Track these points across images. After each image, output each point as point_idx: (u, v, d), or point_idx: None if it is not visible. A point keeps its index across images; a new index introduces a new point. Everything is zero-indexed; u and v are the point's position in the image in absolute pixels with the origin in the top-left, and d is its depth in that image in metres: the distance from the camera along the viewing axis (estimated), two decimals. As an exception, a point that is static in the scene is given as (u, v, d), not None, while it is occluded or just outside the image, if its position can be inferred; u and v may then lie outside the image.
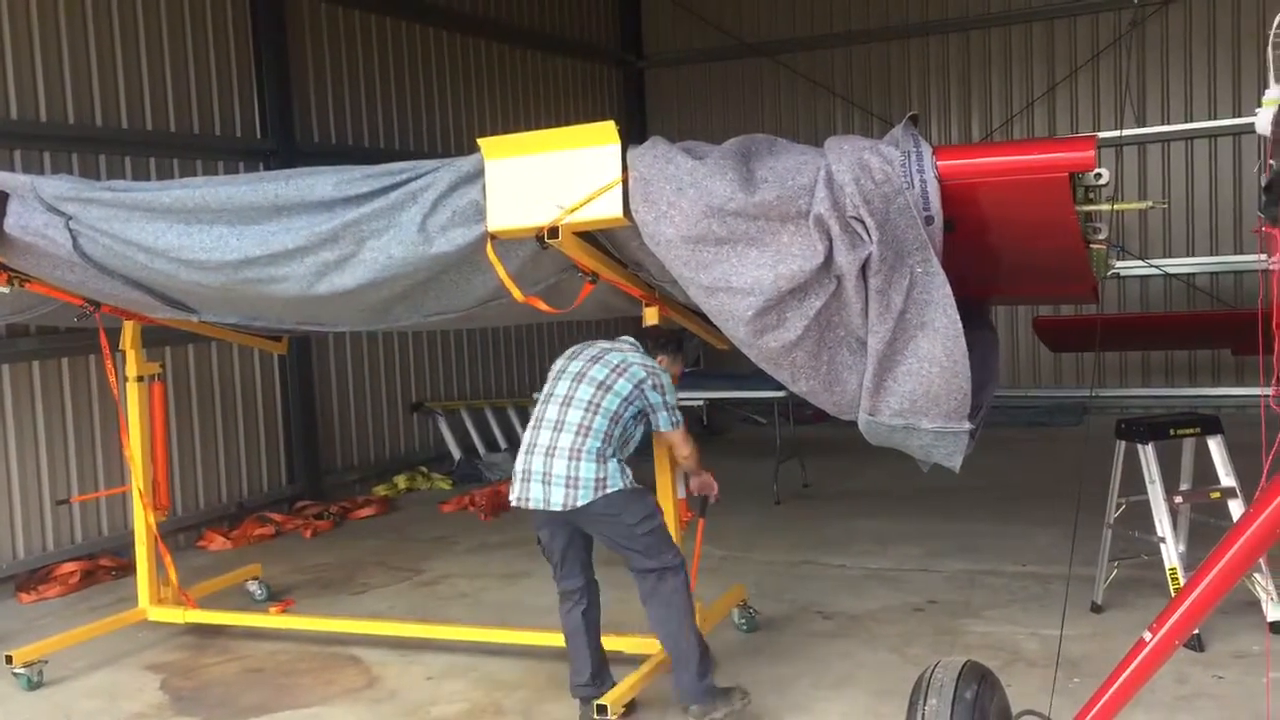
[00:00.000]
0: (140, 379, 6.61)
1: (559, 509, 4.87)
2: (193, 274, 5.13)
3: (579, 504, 4.85)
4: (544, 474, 4.89)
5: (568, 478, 4.83)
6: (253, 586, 7.37)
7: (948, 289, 4.04)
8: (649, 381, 5.00)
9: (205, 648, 6.55)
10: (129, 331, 6.53)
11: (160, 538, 6.67)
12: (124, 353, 6.56)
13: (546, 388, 5.13)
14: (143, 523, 6.62)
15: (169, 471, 7.23)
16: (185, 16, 9.29)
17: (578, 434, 4.88)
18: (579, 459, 4.85)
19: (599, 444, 4.88)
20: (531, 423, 5.09)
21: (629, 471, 4.99)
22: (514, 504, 5.05)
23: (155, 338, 7.35)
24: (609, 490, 4.87)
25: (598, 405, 4.91)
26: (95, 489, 8.32)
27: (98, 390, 8.37)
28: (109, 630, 6.52)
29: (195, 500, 9.21)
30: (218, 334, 6.97)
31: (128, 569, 7.71)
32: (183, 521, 8.92)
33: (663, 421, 5.09)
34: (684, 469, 5.41)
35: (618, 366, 5.00)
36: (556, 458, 4.87)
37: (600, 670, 5.16)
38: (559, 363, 5.18)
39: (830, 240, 4.04)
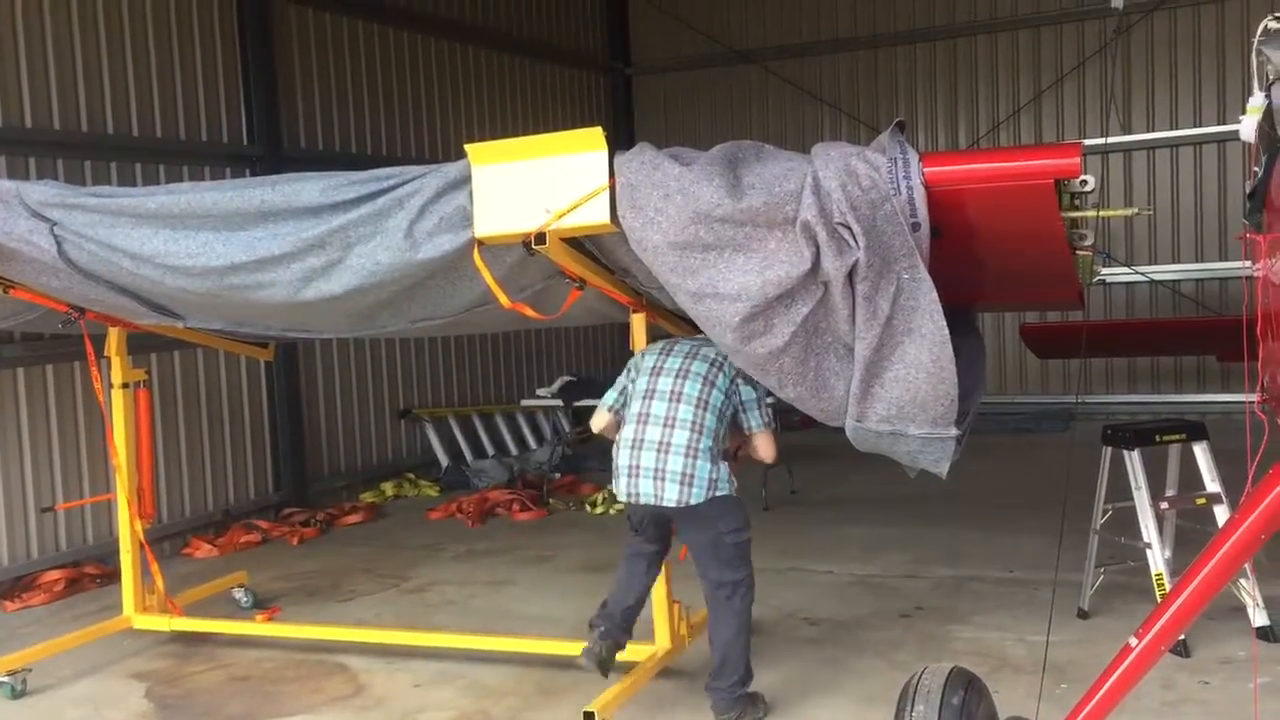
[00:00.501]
0: (125, 386, 6.58)
1: (671, 505, 4.89)
2: (178, 280, 5.11)
3: (692, 502, 4.87)
4: (656, 470, 4.90)
5: (683, 475, 4.86)
6: (239, 594, 7.34)
7: (934, 295, 4.05)
8: (741, 376, 5.01)
9: (191, 656, 6.52)
10: (114, 338, 6.50)
11: (147, 544, 6.64)
12: (109, 359, 6.53)
13: (644, 383, 5.08)
14: (128, 530, 6.59)
15: (155, 478, 7.20)
16: (171, 22, 9.27)
17: (692, 431, 4.90)
18: (695, 457, 4.88)
19: (711, 443, 4.92)
20: (634, 418, 5.03)
21: (734, 479, 5.03)
22: (623, 499, 5.04)
23: (141, 344, 7.30)
24: (718, 493, 4.92)
25: (706, 402, 4.94)
26: (80, 496, 8.27)
27: (83, 397, 8.33)
28: (94, 638, 6.48)
29: (181, 507, 9.17)
30: (204, 340, 6.95)
31: (113, 577, 7.65)
32: (168, 529, 8.87)
33: (755, 420, 5.09)
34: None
35: (715, 360, 5.03)
36: (671, 454, 4.88)
37: (629, 620, 5.20)
38: (649, 359, 5.14)
39: (817, 246, 4.04)
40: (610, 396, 5.28)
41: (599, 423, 5.33)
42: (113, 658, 6.49)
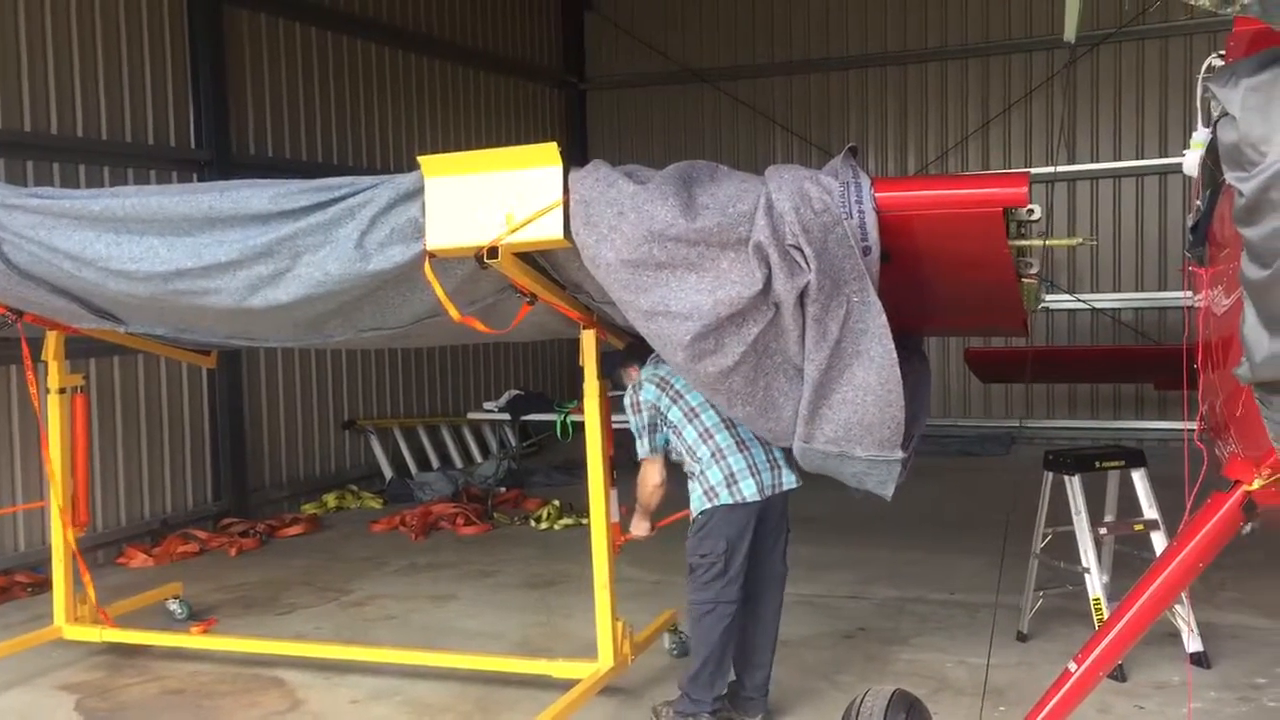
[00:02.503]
0: (62, 391, 6.43)
1: (793, 487, 5.09)
2: (121, 284, 5.03)
3: (800, 482, 5.06)
4: (769, 461, 5.00)
5: (788, 459, 4.95)
6: (173, 605, 7.20)
7: (883, 319, 4.10)
8: None
9: (123, 668, 6.38)
10: (52, 342, 6.36)
11: (79, 554, 6.50)
12: (46, 363, 6.39)
13: (695, 399, 5.01)
14: (60, 538, 6.45)
15: (90, 486, 7.05)
16: (120, 23, 9.14)
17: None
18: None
19: None
20: (719, 427, 4.98)
21: None
22: (752, 498, 4.95)
23: (79, 349, 7.17)
24: None
25: None
26: (12, 503, 8.08)
27: (17, 402, 8.14)
28: (22, 648, 6.32)
29: (116, 516, 9.00)
30: (145, 346, 6.82)
31: (44, 585, 7.50)
32: (103, 537, 8.71)
33: None
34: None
35: None
36: (770, 446, 4.96)
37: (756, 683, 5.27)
38: (678, 379, 5.06)
39: (769, 268, 4.08)
40: (653, 440, 5.14)
41: (657, 472, 5.19)
42: (42, 669, 6.34)
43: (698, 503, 5.03)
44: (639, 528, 5.44)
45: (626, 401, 5.22)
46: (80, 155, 8.80)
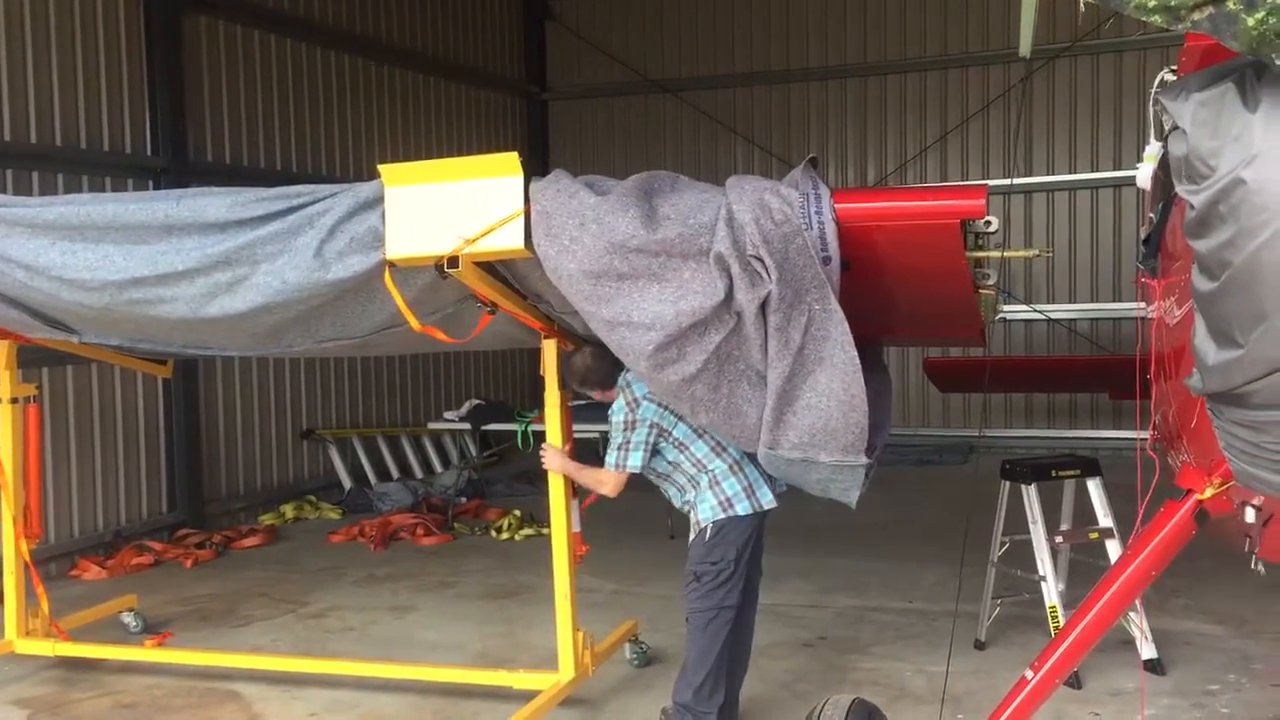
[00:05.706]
0: (14, 400, 6.34)
1: (782, 492, 5.04)
2: (75, 294, 4.97)
3: (784, 487, 5.03)
4: (763, 476, 4.92)
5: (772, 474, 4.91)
6: (128, 618, 7.11)
7: (845, 326, 4.14)
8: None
9: (76, 682, 6.29)
10: (3, 351, 6.26)
11: (32, 566, 6.40)
12: (-3, 372, 6.30)
13: (688, 422, 4.87)
14: (12, 550, 6.34)
15: (42, 497, 6.94)
16: (75, 28, 9.03)
17: None
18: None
19: None
20: (727, 444, 4.87)
21: None
22: (769, 507, 4.92)
23: (32, 357, 7.06)
24: None
25: None
26: (-38, 514, 7.94)
27: (-32, 411, 8.01)
28: (-28, 663, 6.23)
29: (69, 527, 8.86)
30: (99, 355, 6.74)
31: (-6, 598, 7.38)
32: (55, 549, 8.57)
33: None
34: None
35: None
36: (757, 462, 4.87)
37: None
38: (665, 406, 4.91)
39: (730, 278, 4.11)
40: (641, 458, 4.92)
41: (617, 487, 5.02)
42: (-8, 684, 6.25)
43: (709, 514, 4.89)
44: (557, 460, 5.26)
45: (620, 418, 4.94)
46: (34, 162, 8.68)
